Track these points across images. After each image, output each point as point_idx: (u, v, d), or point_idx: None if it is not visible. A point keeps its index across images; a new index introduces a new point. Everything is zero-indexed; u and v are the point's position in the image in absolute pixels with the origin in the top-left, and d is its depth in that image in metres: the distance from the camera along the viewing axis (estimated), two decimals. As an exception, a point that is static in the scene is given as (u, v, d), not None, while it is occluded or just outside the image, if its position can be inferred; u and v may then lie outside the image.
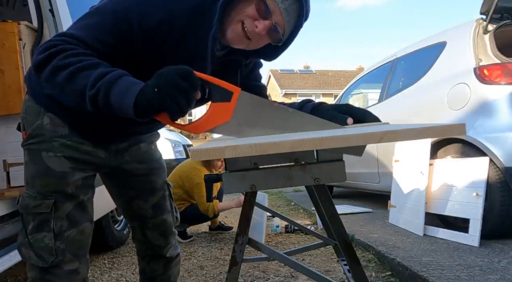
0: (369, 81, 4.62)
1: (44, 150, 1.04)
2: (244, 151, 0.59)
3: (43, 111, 1.05)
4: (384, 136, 0.58)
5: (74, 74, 0.83)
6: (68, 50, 0.85)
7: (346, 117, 0.91)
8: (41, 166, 1.03)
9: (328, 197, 0.92)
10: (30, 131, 1.05)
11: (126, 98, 0.79)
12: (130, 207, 1.26)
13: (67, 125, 1.05)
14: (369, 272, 2.25)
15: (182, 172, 3.33)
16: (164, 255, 1.32)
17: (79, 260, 1.08)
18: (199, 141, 16.41)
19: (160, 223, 1.28)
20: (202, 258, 2.83)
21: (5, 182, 2.15)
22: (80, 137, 1.07)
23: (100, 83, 0.81)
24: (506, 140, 2.36)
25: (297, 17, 0.98)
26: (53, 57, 0.85)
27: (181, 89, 0.77)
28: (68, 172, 1.05)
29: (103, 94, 0.81)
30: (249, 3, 0.93)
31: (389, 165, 3.34)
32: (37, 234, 1.03)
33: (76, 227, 1.06)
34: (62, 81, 0.84)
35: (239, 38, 0.96)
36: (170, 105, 0.78)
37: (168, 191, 1.32)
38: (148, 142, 1.27)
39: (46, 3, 2.03)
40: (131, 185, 1.24)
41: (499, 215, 2.39)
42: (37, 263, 1.03)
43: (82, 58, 0.85)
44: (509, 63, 2.52)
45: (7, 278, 2.32)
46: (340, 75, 27.33)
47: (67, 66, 0.83)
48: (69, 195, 1.05)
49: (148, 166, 1.24)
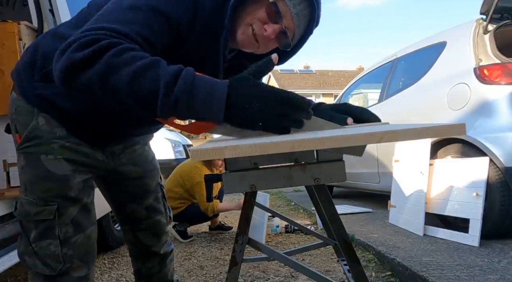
0: (369, 81, 4.62)
1: (44, 153, 0.98)
2: (244, 151, 0.59)
3: (37, 112, 0.98)
4: (384, 136, 0.58)
5: (137, 74, 0.72)
6: (118, 45, 0.74)
7: (345, 117, 0.91)
8: (41, 170, 0.98)
9: (328, 197, 0.92)
10: (26, 133, 0.99)
11: (212, 107, 0.72)
12: (124, 210, 1.25)
13: (64, 127, 1.00)
14: (369, 272, 2.25)
15: (183, 171, 3.34)
16: (158, 252, 1.31)
17: (88, 266, 1.05)
18: (199, 140, 16.39)
19: (153, 224, 1.27)
20: (202, 258, 2.82)
21: (5, 182, 2.15)
22: (78, 138, 1.02)
23: (178, 88, 0.71)
24: (506, 140, 2.36)
25: (307, 23, 0.94)
26: (102, 54, 0.72)
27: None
28: (69, 174, 1.00)
29: (185, 101, 0.72)
30: (260, 5, 0.90)
31: (389, 165, 3.33)
32: (42, 242, 0.98)
33: (83, 232, 1.03)
34: (118, 82, 0.73)
35: (249, 41, 0.93)
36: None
37: (161, 192, 1.31)
38: (142, 143, 1.25)
39: (46, 3, 2.03)
40: (125, 188, 1.21)
41: (499, 215, 2.39)
42: (43, 271, 0.98)
43: (138, 54, 0.74)
44: (509, 63, 2.51)
45: (7, 278, 2.32)
46: (340, 75, 27.35)
47: (125, 65, 0.72)
48: (73, 199, 1.01)
49: (142, 168, 1.23)
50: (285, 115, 0.73)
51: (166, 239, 1.33)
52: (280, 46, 0.95)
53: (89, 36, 0.75)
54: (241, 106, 0.72)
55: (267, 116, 0.72)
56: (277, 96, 0.73)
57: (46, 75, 0.95)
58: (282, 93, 0.73)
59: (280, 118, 0.73)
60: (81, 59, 0.73)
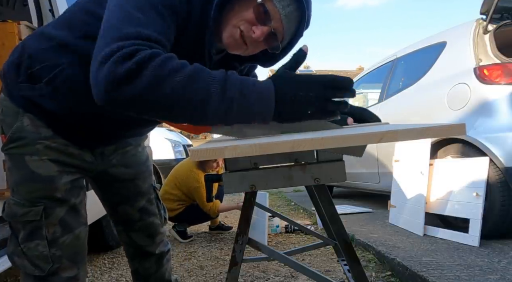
0: (369, 81, 4.62)
1: (28, 154, 0.96)
2: (244, 151, 0.59)
3: (22, 112, 0.96)
4: (384, 136, 0.58)
5: (186, 83, 0.71)
6: (159, 55, 0.73)
7: (345, 117, 0.91)
8: (26, 171, 0.96)
9: (328, 197, 0.92)
10: (10, 134, 0.97)
11: (266, 111, 0.75)
12: (116, 211, 1.23)
13: (50, 128, 0.98)
14: (369, 272, 2.25)
15: (179, 175, 3.32)
16: (154, 252, 1.30)
17: (78, 266, 1.04)
18: (199, 140, 16.40)
19: (147, 225, 1.26)
20: (202, 258, 2.82)
21: (5, 182, 2.15)
22: (65, 138, 1.00)
23: (229, 95, 0.72)
24: (506, 140, 2.36)
25: (298, 25, 0.92)
26: (145, 66, 0.70)
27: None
28: (55, 175, 0.98)
29: (237, 109, 0.73)
30: (247, 6, 0.87)
31: (389, 165, 3.34)
32: (29, 243, 0.97)
33: (71, 233, 1.02)
34: (172, 92, 0.71)
35: (236, 44, 0.90)
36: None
37: (155, 193, 1.29)
38: (135, 145, 1.22)
39: (46, 3, 2.03)
40: (117, 190, 1.20)
41: (499, 215, 2.39)
42: (33, 272, 0.98)
43: (180, 62, 0.74)
44: (509, 63, 2.52)
45: (7, 278, 2.32)
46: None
47: (173, 75, 0.71)
48: (59, 200, 0.99)
49: (135, 170, 1.21)
50: (330, 98, 0.75)
51: (161, 239, 1.32)
52: (269, 49, 0.93)
53: (127, 46, 0.72)
54: (288, 100, 0.74)
55: (314, 102, 0.74)
56: (319, 81, 0.75)
57: (32, 76, 0.94)
58: (323, 77, 0.75)
59: (326, 102, 0.75)
60: (126, 72, 0.70)
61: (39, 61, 0.93)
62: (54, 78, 0.92)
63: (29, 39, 1.00)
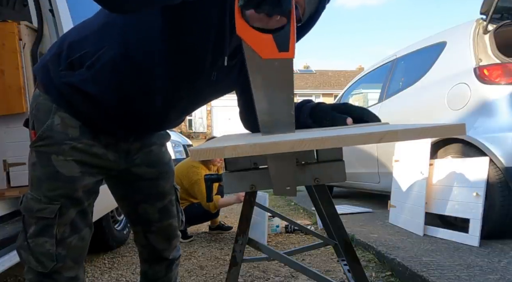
0: (369, 81, 4.62)
1: (54, 153, 1.00)
2: (244, 151, 0.59)
3: (55, 109, 1.00)
4: (384, 136, 0.58)
5: None
6: None
7: (345, 117, 0.91)
8: (50, 169, 1.00)
9: (328, 197, 0.92)
10: (40, 133, 1.01)
11: None
12: (136, 211, 1.23)
13: (79, 125, 1.01)
14: (369, 272, 2.25)
15: (180, 171, 3.33)
16: (167, 257, 1.30)
17: (78, 266, 1.06)
18: (199, 140, 16.42)
19: (165, 227, 1.26)
20: (202, 258, 2.83)
21: (5, 182, 2.15)
22: (91, 138, 1.03)
23: None
24: (506, 140, 2.36)
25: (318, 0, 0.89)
26: None
27: None
28: (77, 176, 1.01)
29: None
30: None
31: (389, 165, 3.34)
32: (38, 239, 0.99)
33: (78, 234, 1.04)
34: None
35: (257, 15, 0.85)
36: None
37: (175, 195, 1.29)
38: (159, 144, 1.23)
39: (46, 3, 2.03)
40: (138, 189, 1.20)
41: (499, 215, 2.39)
42: (36, 268, 1.00)
43: None
44: (509, 63, 2.52)
45: (7, 278, 2.32)
46: (340, 75, 27.34)
47: None
48: (76, 200, 1.02)
49: (157, 169, 1.21)
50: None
51: (176, 243, 1.32)
52: None
53: None
54: None
55: None
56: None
57: (72, 64, 0.97)
58: None
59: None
60: None
61: (79, 49, 0.96)
62: (97, 61, 0.94)
63: (69, 31, 1.05)
